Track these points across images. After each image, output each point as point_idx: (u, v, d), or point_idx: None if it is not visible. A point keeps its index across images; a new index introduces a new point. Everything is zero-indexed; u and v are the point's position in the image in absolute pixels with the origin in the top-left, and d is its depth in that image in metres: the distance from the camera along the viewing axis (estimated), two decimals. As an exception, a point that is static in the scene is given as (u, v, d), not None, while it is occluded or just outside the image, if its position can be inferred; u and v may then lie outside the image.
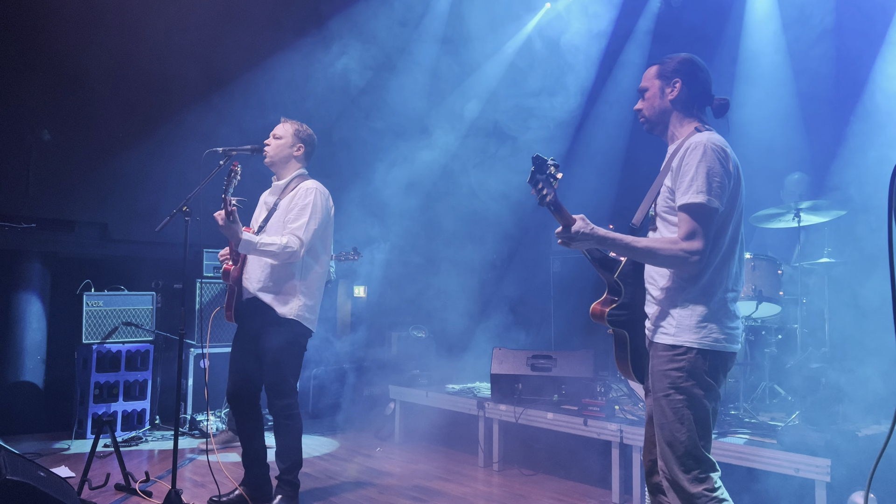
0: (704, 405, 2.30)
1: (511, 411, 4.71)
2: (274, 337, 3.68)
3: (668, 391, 2.32)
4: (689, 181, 2.31)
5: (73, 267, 5.98)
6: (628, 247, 2.33)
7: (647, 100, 2.54)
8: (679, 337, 2.33)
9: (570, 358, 4.86)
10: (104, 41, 5.94)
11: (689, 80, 2.50)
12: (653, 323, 2.43)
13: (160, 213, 3.69)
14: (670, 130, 2.53)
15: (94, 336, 5.62)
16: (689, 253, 2.27)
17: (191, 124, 6.07)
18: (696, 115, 2.52)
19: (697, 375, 2.30)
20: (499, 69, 7.32)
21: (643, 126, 2.59)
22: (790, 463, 3.35)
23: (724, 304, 2.36)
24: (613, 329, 2.51)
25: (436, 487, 4.41)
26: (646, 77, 2.56)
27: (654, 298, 2.44)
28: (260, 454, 3.86)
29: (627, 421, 4.17)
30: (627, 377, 2.58)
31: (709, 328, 2.32)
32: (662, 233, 2.44)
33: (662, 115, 2.53)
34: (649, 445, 2.53)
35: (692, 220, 2.29)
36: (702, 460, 2.28)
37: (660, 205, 2.46)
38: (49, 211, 5.88)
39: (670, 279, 2.38)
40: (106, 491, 4.03)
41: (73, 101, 5.93)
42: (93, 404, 5.47)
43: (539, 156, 2.28)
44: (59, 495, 2.92)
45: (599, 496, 4.24)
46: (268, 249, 3.55)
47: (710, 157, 2.31)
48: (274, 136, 3.85)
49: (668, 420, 2.31)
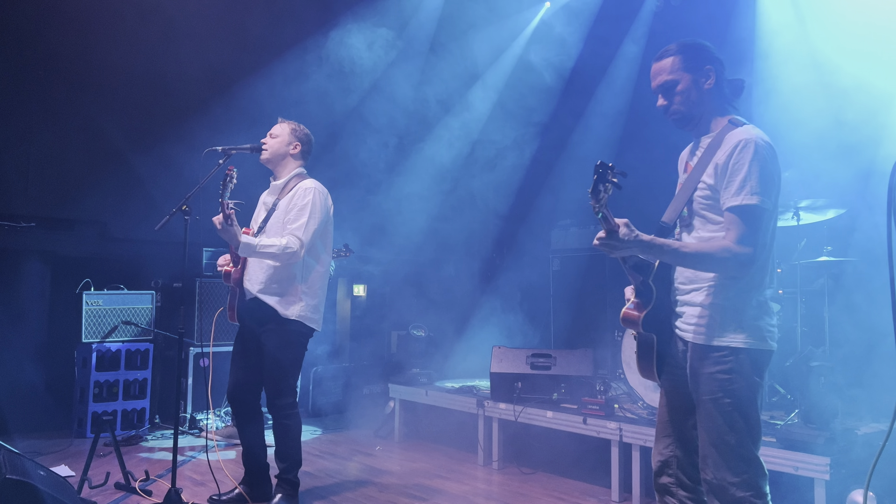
0: (755, 406, 2.24)
1: (510, 410, 4.71)
2: (275, 336, 3.69)
3: (716, 394, 2.24)
4: (741, 181, 2.21)
5: (72, 266, 5.97)
6: (676, 252, 2.24)
7: (681, 93, 2.38)
8: (724, 338, 2.26)
9: (569, 356, 4.86)
10: (104, 39, 5.94)
11: (718, 67, 2.39)
12: (692, 324, 2.33)
13: (160, 211, 3.69)
14: (705, 122, 2.42)
15: (93, 335, 5.62)
16: (743, 257, 2.19)
17: (191, 123, 6.06)
18: (729, 102, 2.42)
19: (745, 376, 2.23)
20: (501, 74, 7.33)
21: (674, 121, 2.45)
22: (789, 461, 3.35)
23: (765, 302, 2.30)
24: (641, 333, 2.43)
25: (435, 486, 4.41)
26: (665, 70, 2.40)
27: (693, 300, 2.35)
28: (260, 453, 3.87)
29: (627, 419, 4.18)
30: (651, 379, 2.51)
31: (753, 327, 2.26)
32: (700, 232, 2.35)
33: (700, 107, 2.40)
34: (659, 445, 2.46)
35: (745, 223, 2.20)
36: (752, 463, 2.22)
37: (698, 202, 2.35)
38: (48, 210, 5.88)
39: (712, 279, 2.30)
40: (106, 490, 4.03)
41: (72, 100, 5.93)
42: (92, 403, 5.47)
43: (604, 163, 2.14)
44: (59, 494, 2.92)
45: (599, 494, 4.24)
46: (267, 251, 3.55)
47: (762, 155, 2.22)
48: (271, 135, 3.85)
49: (717, 424, 2.23)
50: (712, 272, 2.29)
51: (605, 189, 2.13)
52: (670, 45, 2.43)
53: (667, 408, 2.48)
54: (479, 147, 7.31)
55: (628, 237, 2.17)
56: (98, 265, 6.07)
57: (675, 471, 2.42)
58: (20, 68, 5.68)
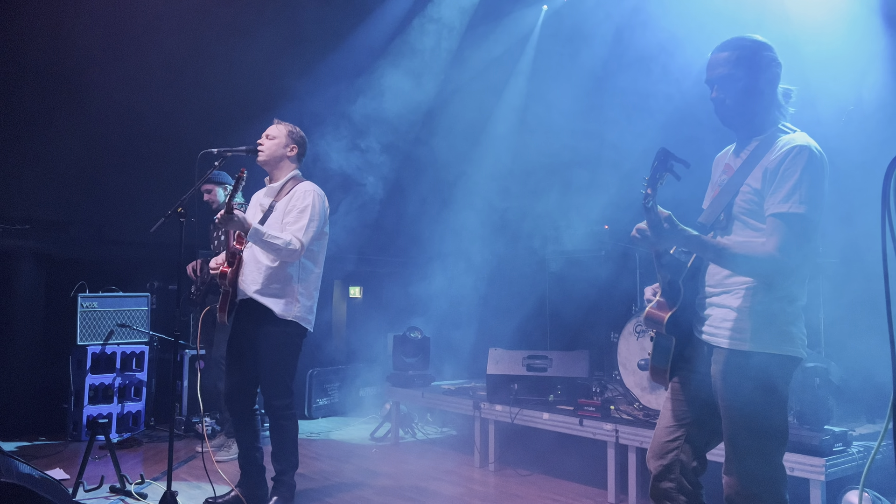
0: (782, 412, 2.20)
1: (507, 411, 4.71)
2: (271, 338, 3.68)
3: (743, 400, 2.18)
4: (790, 188, 2.12)
5: (67, 268, 5.95)
6: (718, 249, 2.18)
7: (739, 90, 2.27)
8: (755, 343, 2.19)
9: (565, 358, 4.86)
10: (99, 42, 5.92)
11: (778, 70, 2.28)
12: (721, 328, 2.26)
13: (155, 214, 3.67)
14: (756, 124, 2.31)
15: (88, 337, 5.60)
16: (783, 266, 2.12)
17: (185, 125, 6.05)
18: (780, 108, 2.32)
19: (773, 382, 2.18)
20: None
21: (724, 117, 2.34)
22: (785, 462, 3.34)
23: (799, 310, 2.24)
24: (661, 334, 2.36)
25: (432, 488, 4.40)
26: (726, 63, 2.28)
27: (723, 302, 2.28)
28: (256, 455, 3.86)
29: (623, 421, 4.18)
30: (661, 382, 2.46)
31: (785, 333, 2.20)
32: (737, 236, 2.27)
33: (755, 107, 2.29)
34: (661, 450, 2.40)
35: (790, 232, 2.12)
36: (777, 469, 2.20)
37: (739, 206, 2.26)
38: (43, 212, 5.86)
39: (746, 283, 2.23)
40: (101, 493, 4.02)
41: (67, 102, 5.92)
42: (87, 406, 5.46)
43: (665, 149, 2.06)
44: (53, 498, 2.91)
45: (595, 496, 4.24)
46: (273, 242, 3.53)
47: (815, 164, 2.14)
48: (267, 136, 3.84)
49: (743, 430, 2.20)
50: (750, 275, 2.22)
51: (661, 177, 2.09)
52: (734, 39, 2.33)
53: (677, 412, 2.40)
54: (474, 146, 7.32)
55: (672, 230, 2.12)
56: (93, 267, 6.06)
57: (677, 476, 2.36)
58: (15, 70, 5.66)
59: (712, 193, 2.44)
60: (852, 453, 3.40)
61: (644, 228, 2.17)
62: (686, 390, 2.40)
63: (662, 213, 2.12)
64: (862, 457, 3.40)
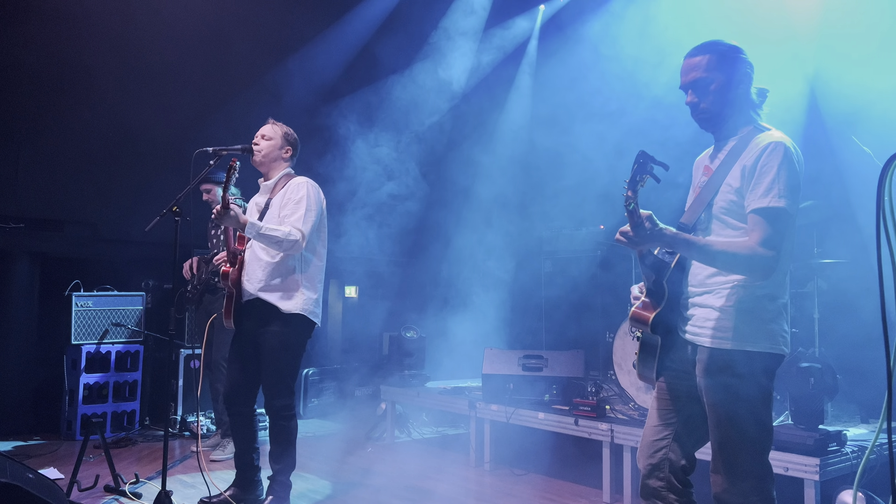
0: (767, 410, 2.22)
1: (502, 411, 4.71)
2: (276, 337, 3.66)
3: (727, 398, 2.20)
4: (768, 183, 2.17)
5: (62, 267, 5.93)
6: (703, 248, 2.21)
7: (713, 93, 2.32)
8: (738, 342, 2.21)
9: (561, 358, 4.87)
10: (95, 40, 5.91)
11: (751, 71, 2.35)
12: (704, 327, 2.29)
13: (150, 213, 3.66)
14: (731, 125, 2.37)
15: (83, 337, 5.59)
16: (767, 260, 2.15)
17: (181, 124, 6.04)
18: (755, 108, 2.38)
19: (757, 380, 2.20)
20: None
21: (701, 120, 2.39)
22: (779, 462, 3.36)
23: (784, 307, 2.27)
24: (647, 333, 2.38)
25: (427, 487, 4.41)
26: (699, 67, 2.33)
27: (706, 302, 2.30)
28: (252, 455, 3.85)
29: (618, 421, 4.19)
30: (649, 382, 2.47)
31: (768, 331, 2.23)
32: (717, 236, 2.30)
33: (731, 108, 2.35)
34: (649, 449, 2.41)
35: (770, 226, 2.16)
36: (763, 467, 2.22)
37: (719, 206, 2.30)
38: (38, 210, 5.84)
39: (729, 282, 2.26)
40: (95, 492, 4.01)
41: (62, 101, 5.90)
42: (82, 405, 5.44)
43: (645, 152, 2.09)
44: (47, 497, 2.90)
45: (590, 496, 4.25)
46: (273, 234, 3.51)
47: (791, 159, 2.19)
48: (263, 136, 3.83)
49: (728, 428, 2.21)
50: (735, 273, 2.24)
51: (642, 179, 2.11)
52: (705, 43, 2.37)
53: (663, 411, 2.42)
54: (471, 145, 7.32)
55: (652, 230, 2.15)
56: (88, 266, 6.04)
57: (666, 474, 2.37)
58: (10, 68, 5.64)
59: (693, 195, 2.47)
60: (847, 453, 3.42)
61: (627, 230, 2.20)
62: (672, 389, 2.42)
63: (643, 214, 2.15)
64: (856, 457, 3.42)
